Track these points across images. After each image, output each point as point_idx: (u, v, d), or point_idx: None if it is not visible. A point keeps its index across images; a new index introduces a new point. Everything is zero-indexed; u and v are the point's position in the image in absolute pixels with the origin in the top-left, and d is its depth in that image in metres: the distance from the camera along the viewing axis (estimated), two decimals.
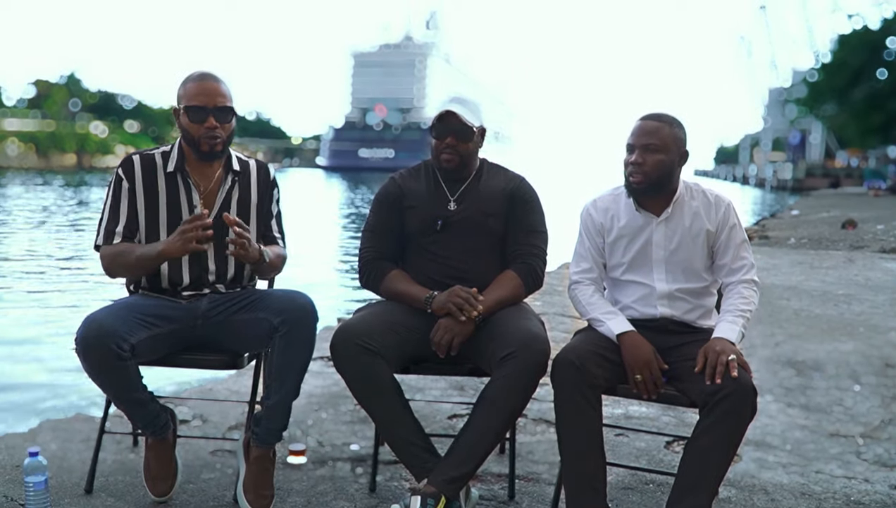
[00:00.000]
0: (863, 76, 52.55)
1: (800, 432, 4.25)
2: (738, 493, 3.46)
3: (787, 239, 16.86)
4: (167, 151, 3.25)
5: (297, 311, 3.03)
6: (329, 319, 7.71)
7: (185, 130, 3.15)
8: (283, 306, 3.04)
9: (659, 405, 4.37)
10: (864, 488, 3.55)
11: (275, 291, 3.26)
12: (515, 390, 2.97)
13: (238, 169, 3.29)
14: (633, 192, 3.11)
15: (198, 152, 3.16)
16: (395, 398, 3.08)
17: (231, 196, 3.27)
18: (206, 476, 3.47)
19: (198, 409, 4.32)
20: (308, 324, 3.05)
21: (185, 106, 3.11)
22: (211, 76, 3.16)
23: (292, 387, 3.11)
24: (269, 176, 3.39)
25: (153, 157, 3.23)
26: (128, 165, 3.20)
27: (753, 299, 3.09)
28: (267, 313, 3.05)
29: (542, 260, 3.39)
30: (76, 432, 3.95)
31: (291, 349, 3.03)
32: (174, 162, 3.20)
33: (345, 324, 3.14)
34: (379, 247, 3.40)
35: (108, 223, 3.18)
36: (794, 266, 11.48)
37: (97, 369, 2.90)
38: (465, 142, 3.32)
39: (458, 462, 2.97)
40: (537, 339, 3.02)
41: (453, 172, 3.36)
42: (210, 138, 3.13)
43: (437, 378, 4.84)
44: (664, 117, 3.07)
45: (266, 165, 3.41)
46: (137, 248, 3.15)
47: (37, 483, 2.91)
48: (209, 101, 3.11)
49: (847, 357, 5.85)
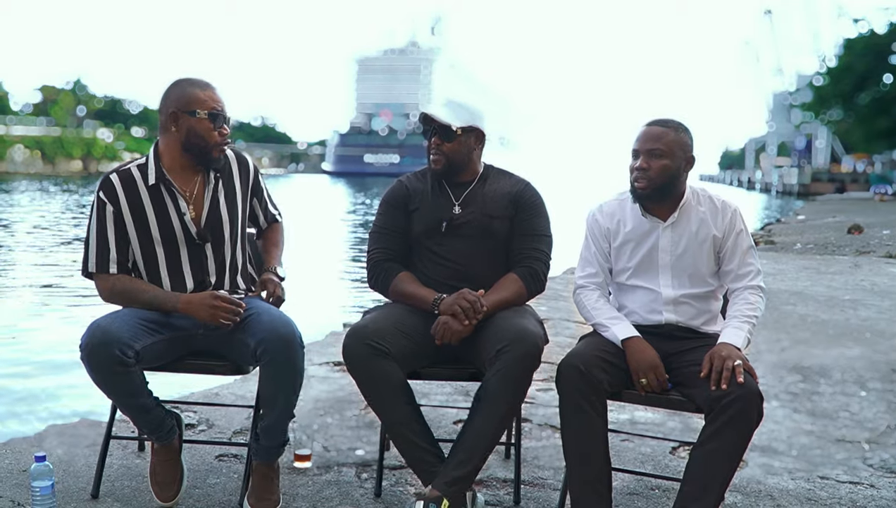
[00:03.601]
0: (869, 81, 52.43)
1: (806, 437, 4.24)
2: (744, 499, 3.45)
3: (793, 244, 16.84)
4: (143, 163, 3.18)
5: (275, 342, 2.97)
6: (335, 324, 7.72)
7: (196, 135, 3.10)
8: (264, 336, 2.98)
9: (664, 411, 4.36)
10: (869, 493, 3.54)
11: (263, 312, 3.11)
12: (509, 382, 2.98)
13: (216, 165, 3.27)
14: (639, 197, 3.11)
15: (204, 159, 3.15)
16: (405, 401, 3.08)
17: (218, 195, 3.25)
18: (212, 480, 3.48)
19: (203, 414, 4.33)
20: (288, 355, 2.99)
21: (208, 112, 3.10)
22: (212, 84, 3.17)
23: (283, 410, 3.11)
24: (247, 164, 3.37)
25: (130, 172, 3.16)
26: (108, 187, 3.14)
27: (760, 305, 3.09)
28: (250, 339, 3.01)
29: (544, 264, 3.39)
30: (82, 437, 3.96)
31: (274, 378, 3.02)
32: (154, 173, 3.14)
33: (357, 325, 3.15)
34: (387, 248, 3.41)
35: (99, 250, 3.14)
36: (800, 271, 11.46)
37: (101, 375, 2.91)
38: (448, 142, 3.34)
39: (458, 463, 2.97)
40: (529, 333, 3.03)
41: (443, 173, 3.38)
42: (223, 145, 3.16)
43: (443, 383, 4.84)
44: (670, 123, 3.08)
45: (241, 153, 3.37)
46: (148, 290, 3.13)
47: (43, 488, 2.92)
48: (223, 108, 3.14)
49: (853, 363, 5.84)
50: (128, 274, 3.18)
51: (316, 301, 10.78)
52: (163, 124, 3.16)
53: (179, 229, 3.17)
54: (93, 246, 3.16)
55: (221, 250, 3.25)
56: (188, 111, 3.10)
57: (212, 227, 3.21)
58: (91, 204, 3.18)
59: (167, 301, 3.10)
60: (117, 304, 3.20)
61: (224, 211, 3.25)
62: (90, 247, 3.17)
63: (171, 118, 3.11)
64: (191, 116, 3.09)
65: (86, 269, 3.19)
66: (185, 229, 3.17)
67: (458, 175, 3.40)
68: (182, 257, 3.20)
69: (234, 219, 3.28)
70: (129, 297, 3.14)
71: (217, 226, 3.23)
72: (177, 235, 3.17)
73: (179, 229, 3.17)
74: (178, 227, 3.17)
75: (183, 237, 3.18)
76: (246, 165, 3.37)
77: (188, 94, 3.12)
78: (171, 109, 3.11)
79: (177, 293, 3.13)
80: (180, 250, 3.19)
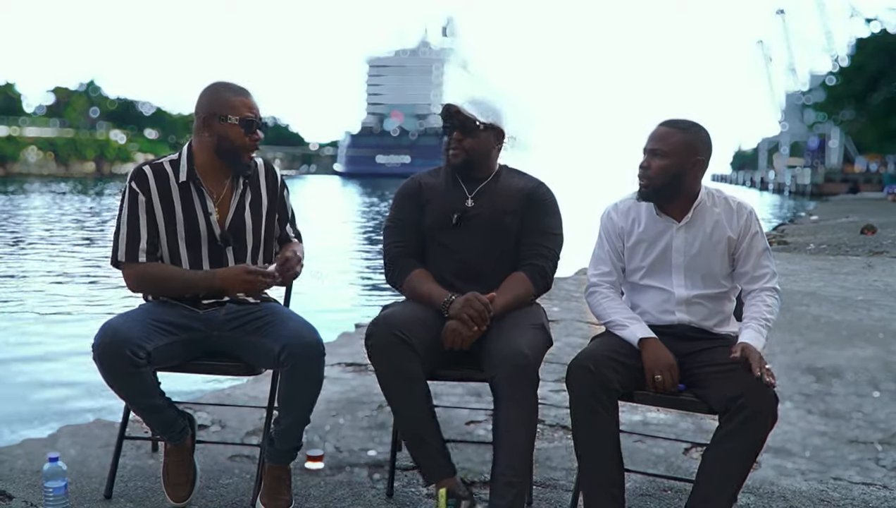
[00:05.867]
0: (882, 81, 52.13)
1: (819, 438, 4.23)
2: (757, 500, 3.44)
3: (807, 245, 16.78)
4: (175, 159, 3.22)
5: (300, 347, 2.99)
6: (347, 325, 7.72)
7: (228, 140, 3.13)
8: (289, 341, 2.99)
9: (677, 412, 4.36)
10: (882, 494, 3.53)
11: (287, 317, 3.16)
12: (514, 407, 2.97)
13: (248, 172, 3.30)
14: (641, 195, 3.12)
15: (235, 163, 3.18)
16: (422, 395, 3.07)
17: (244, 200, 3.27)
18: (225, 481, 3.48)
19: (216, 414, 4.34)
20: (311, 361, 3.01)
21: (240, 118, 3.12)
22: (247, 90, 3.20)
23: (300, 416, 3.11)
24: (276, 175, 3.39)
25: (163, 166, 3.20)
26: (141, 177, 3.17)
27: (775, 308, 3.08)
28: (273, 343, 3.02)
29: (552, 262, 3.36)
30: (95, 437, 3.97)
31: (295, 384, 3.02)
32: (185, 171, 3.18)
33: (382, 315, 3.14)
34: (402, 241, 3.39)
35: (129, 240, 3.16)
36: (813, 272, 11.43)
37: (113, 375, 2.92)
38: (470, 137, 3.32)
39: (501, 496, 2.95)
40: (519, 355, 2.98)
41: (461, 168, 3.36)
42: (254, 151, 3.19)
43: (455, 385, 4.83)
44: (680, 123, 3.07)
45: (270, 163, 3.40)
46: (180, 274, 3.17)
47: (56, 489, 2.93)
48: (257, 115, 3.17)
49: (866, 364, 5.82)
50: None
51: (327, 302, 10.80)
52: (197, 127, 3.19)
53: (204, 229, 3.19)
54: (123, 236, 3.17)
55: (243, 255, 3.25)
56: (221, 116, 3.12)
57: (235, 231, 3.23)
58: (122, 195, 3.20)
59: (203, 280, 3.14)
60: (147, 292, 3.23)
61: (248, 217, 3.27)
62: (120, 236, 3.18)
63: (204, 123, 3.14)
64: (223, 122, 3.12)
65: (115, 258, 3.20)
66: (209, 230, 3.19)
67: (474, 171, 3.39)
68: (203, 258, 3.21)
69: (257, 226, 3.29)
70: (161, 283, 3.17)
71: (240, 230, 3.24)
72: (201, 234, 3.19)
73: (204, 229, 3.19)
74: (204, 226, 3.19)
75: (206, 237, 3.20)
76: (274, 175, 3.38)
77: (222, 99, 3.14)
78: (204, 113, 3.14)
79: (213, 270, 3.16)
80: (202, 250, 3.21)
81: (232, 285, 3.12)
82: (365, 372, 5.18)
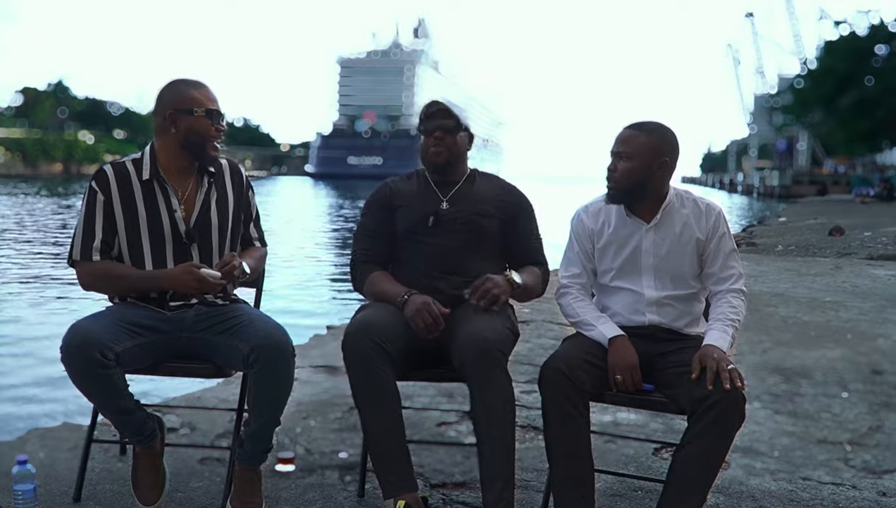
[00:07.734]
0: (850, 84, 52.64)
1: (787, 438, 4.26)
2: (726, 500, 3.46)
3: (775, 246, 16.92)
4: (138, 158, 3.21)
5: (269, 348, 2.96)
6: (318, 327, 7.69)
7: (195, 133, 3.12)
8: (258, 342, 2.96)
9: (647, 412, 4.38)
10: (851, 494, 3.56)
11: (256, 318, 3.13)
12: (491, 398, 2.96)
13: (212, 170, 3.28)
14: (609, 198, 3.15)
15: (202, 155, 3.17)
16: (392, 408, 3.03)
17: (210, 198, 3.25)
18: (195, 484, 3.46)
19: (186, 417, 4.31)
20: (281, 362, 2.98)
21: (206, 110, 3.12)
22: (205, 84, 3.20)
23: (270, 418, 3.09)
24: (241, 175, 3.39)
25: (125, 166, 3.19)
26: (102, 177, 3.16)
27: (741, 309, 3.10)
28: (242, 344, 3.00)
29: (546, 266, 3.48)
30: (64, 440, 3.94)
31: (265, 385, 3.00)
32: (148, 169, 3.17)
33: (359, 319, 3.12)
34: (368, 249, 3.41)
35: (84, 239, 3.15)
36: (781, 273, 11.51)
37: (81, 377, 2.89)
38: (453, 135, 3.34)
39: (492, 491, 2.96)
40: (482, 339, 2.98)
41: (442, 167, 3.37)
42: (220, 140, 3.19)
43: (426, 386, 4.83)
44: (645, 126, 3.09)
45: (235, 163, 3.40)
46: (129, 272, 3.15)
47: (25, 492, 2.90)
48: (218, 106, 3.17)
49: (835, 364, 5.87)
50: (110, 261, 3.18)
51: (298, 304, 10.76)
52: (160, 126, 3.17)
53: (168, 226, 3.17)
54: (79, 235, 3.16)
55: (208, 253, 3.23)
56: (186, 110, 3.11)
57: (200, 228, 3.21)
58: (83, 195, 3.19)
59: (151, 279, 3.12)
60: (99, 290, 3.21)
61: (214, 215, 3.25)
62: (76, 235, 3.17)
63: (169, 119, 3.13)
64: (189, 115, 3.11)
65: (70, 257, 3.19)
66: (173, 227, 3.17)
67: (449, 173, 3.40)
68: (167, 255, 3.18)
69: (223, 224, 3.28)
70: (111, 281, 3.16)
71: (205, 228, 3.22)
72: (165, 231, 3.17)
73: (168, 226, 3.17)
74: (168, 223, 3.17)
75: (171, 234, 3.17)
76: (240, 174, 3.38)
77: (184, 93, 3.14)
78: (168, 109, 3.13)
79: (160, 271, 3.14)
80: (166, 247, 3.18)
81: (177, 286, 3.09)
82: (336, 374, 5.15)
